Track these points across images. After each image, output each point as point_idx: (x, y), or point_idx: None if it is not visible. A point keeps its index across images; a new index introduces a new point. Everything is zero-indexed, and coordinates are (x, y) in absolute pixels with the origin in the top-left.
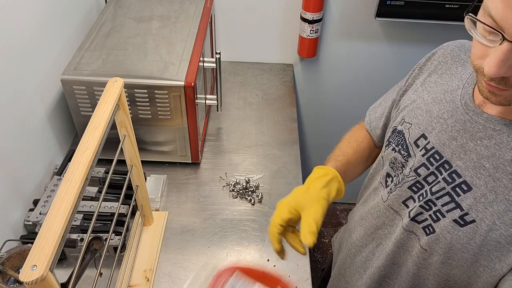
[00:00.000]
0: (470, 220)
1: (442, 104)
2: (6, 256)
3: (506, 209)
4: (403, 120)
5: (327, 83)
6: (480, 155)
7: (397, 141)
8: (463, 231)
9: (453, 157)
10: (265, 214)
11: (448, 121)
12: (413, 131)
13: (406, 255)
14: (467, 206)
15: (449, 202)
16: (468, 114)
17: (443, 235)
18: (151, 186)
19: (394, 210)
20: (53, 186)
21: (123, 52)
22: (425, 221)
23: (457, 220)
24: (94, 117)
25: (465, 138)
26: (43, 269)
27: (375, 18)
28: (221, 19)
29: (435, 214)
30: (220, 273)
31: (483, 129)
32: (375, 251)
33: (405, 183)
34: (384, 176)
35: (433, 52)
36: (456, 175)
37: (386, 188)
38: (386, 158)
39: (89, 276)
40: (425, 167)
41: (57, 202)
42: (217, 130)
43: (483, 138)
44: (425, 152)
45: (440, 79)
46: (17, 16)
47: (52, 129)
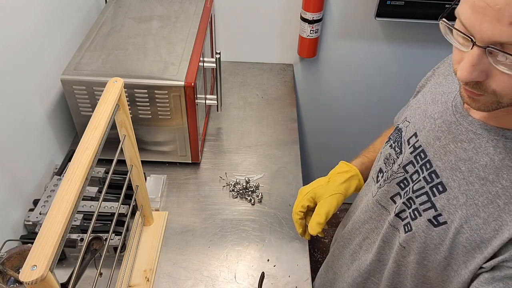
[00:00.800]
0: (443, 221)
1: (437, 105)
2: (6, 256)
3: (474, 214)
4: (405, 118)
5: (327, 83)
6: (458, 158)
7: (395, 138)
8: (436, 231)
9: (435, 157)
10: (265, 214)
11: (437, 121)
12: (409, 129)
13: (390, 252)
14: (440, 206)
15: (426, 201)
16: (455, 116)
17: (418, 234)
18: (151, 186)
19: (382, 205)
20: (53, 186)
21: (123, 52)
22: (406, 218)
23: (431, 219)
24: (94, 117)
25: (448, 139)
26: (43, 269)
27: (375, 18)
28: (221, 19)
29: (413, 213)
30: None
31: (465, 132)
32: (362, 244)
33: (394, 179)
34: (376, 171)
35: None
36: (435, 175)
37: (376, 183)
38: (383, 154)
39: (89, 276)
40: (412, 165)
41: (57, 202)
42: (217, 130)
43: (463, 141)
44: (413, 150)
45: (444, 80)
46: (17, 16)
47: (52, 129)
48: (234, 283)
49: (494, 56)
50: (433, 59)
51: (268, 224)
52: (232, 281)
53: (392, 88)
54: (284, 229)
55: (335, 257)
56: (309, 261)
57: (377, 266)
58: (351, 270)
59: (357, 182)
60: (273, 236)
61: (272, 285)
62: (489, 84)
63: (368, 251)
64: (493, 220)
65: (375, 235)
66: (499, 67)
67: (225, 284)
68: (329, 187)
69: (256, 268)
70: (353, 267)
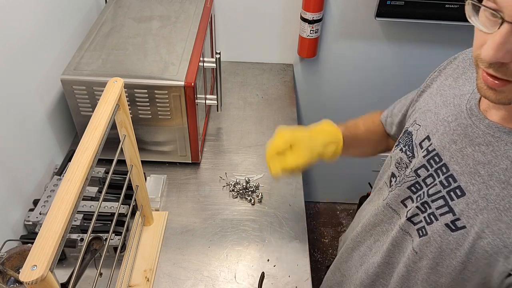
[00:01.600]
0: (461, 226)
1: (449, 108)
2: (6, 256)
3: (496, 218)
4: (415, 121)
5: (327, 83)
6: (477, 161)
7: (405, 141)
8: (453, 236)
9: (451, 161)
10: (265, 214)
11: (451, 124)
12: (420, 133)
13: (400, 256)
14: (459, 211)
15: (443, 205)
16: (471, 119)
17: (434, 238)
18: (151, 186)
19: (393, 208)
20: (53, 186)
21: (123, 52)
22: (420, 222)
23: (448, 224)
24: (94, 117)
25: (464, 142)
26: (43, 269)
27: (375, 18)
28: (221, 19)
29: (429, 217)
30: None
31: (482, 135)
32: (372, 247)
33: (405, 183)
34: (389, 175)
35: (455, 56)
36: (452, 179)
37: (389, 188)
38: (393, 158)
39: (89, 276)
40: (425, 169)
41: (57, 202)
42: (217, 130)
43: (481, 144)
44: (427, 153)
45: (454, 82)
46: (17, 16)
47: (52, 129)
48: (234, 283)
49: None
50: (433, 59)
51: (268, 224)
52: (232, 281)
53: (392, 88)
54: (284, 229)
55: (343, 259)
56: (309, 261)
57: (385, 269)
58: (360, 272)
59: (335, 148)
60: (273, 236)
61: (272, 285)
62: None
63: (377, 254)
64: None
65: (385, 238)
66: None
67: (225, 284)
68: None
69: (256, 268)
70: (361, 269)
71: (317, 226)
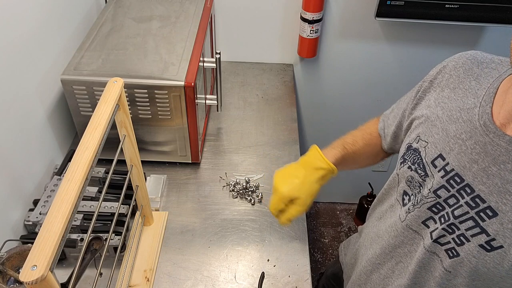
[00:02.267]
0: (498, 246)
1: (459, 124)
2: (6, 256)
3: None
4: (419, 137)
5: (327, 83)
6: (505, 180)
7: (413, 159)
8: (490, 256)
9: (475, 181)
10: (265, 214)
11: (467, 142)
12: (429, 150)
13: (428, 275)
14: (493, 231)
15: (473, 226)
16: (488, 136)
17: (468, 259)
18: (151, 186)
19: (413, 230)
20: (53, 186)
21: (123, 52)
22: (448, 243)
23: (483, 245)
24: (94, 117)
25: (487, 161)
26: (43, 269)
27: (375, 18)
28: (221, 19)
29: (459, 238)
30: None
31: (505, 153)
32: (394, 269)
33: (424, 204)
34: (401, 193)
35: (444, 65)
36: (480, 200)
37: (403, 207)
38: (402, 176)
39: (89, 276)
40: (445, 189)
41: (57, 202)
42: (217, 130)
43: (506, 162)
44: (445, 173)
45: (453, 94)
46: (17, 16)
47: (52, 129)
48: (234, 283)
49: None
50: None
51: (268, 224)
52: (232, 281)
53: (392, 88)
54: (284, 229)
55: (362, 281)
56: (309, 261)
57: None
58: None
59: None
60: (273, 236)
61: (272, 285)
62: None
63: (402, 276)
64: None
65: (409, 259)
66: None
67: (225, 284)
68: (305, 186)
69: (256, 268)
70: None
71: (317, 226)
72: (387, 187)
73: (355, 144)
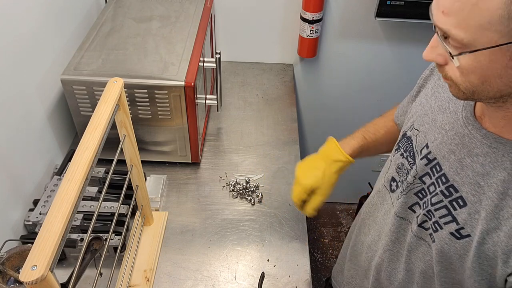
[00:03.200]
0: (466, 234)
1: (445, 114)
2: (6, 256)
3: (495, 227)
4: (413, 126)
5: (327, 83)
6: (476, 172)
7: (405, 146)
8: (459, 243)
9: (451, 171)
10: (265, 214)
11: (448, 133)
12: (419, 139)
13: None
14: (462, 220)
15: (446, 215)
16: (467, 128)
17: (441, 245)
18: (151, 186)
19: (400, 217)
20: (53, 186)
21: (123, 52)
22: (429, 229)
23: (453, 233)
24: (94, 117)
25: (463, 153)
26: (43, 269)
27: (375, 18)
28: (221, 19)
29: (434, 225)
30: None
31: (480, 145)
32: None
33: (412, 189)
34: (389, 179)
35: None
36: (454, 190)
37: (392, 193)
38: (394, 162)
39: (89, 276)
40: (429, 176)
41: (57, 202)
42: (217, 130)
43: (479, 155)
44: (428, 161)
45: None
46: (17, 16)
47: (52, 129)
48: (234, 283)
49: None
50: None
51: (268, 224)
52: (232, 281)
53: (392, 88)
54: (284, 229)
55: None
56: (309, 261)
57: (406, 276)
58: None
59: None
60: (273, 236)
61: (272, 285)
62: (447, 70)
63: (394, 261)
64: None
65: (398, 245)
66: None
67: (225, 284)
68: (325, 178)
69: (256, 268)
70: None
71: (317, 226)
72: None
73: (376, 133)
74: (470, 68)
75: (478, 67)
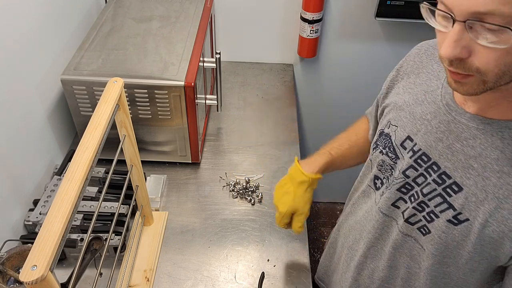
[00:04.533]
0: (464, 219)
1: (424, 106)
2: (6, 256)
3: (497, 207)
4: (389, 123)
5: (327, 83)
6: (468, 156)
7: (384, 143)
8: (457, 229)
9: (441, 158)
10: (265, 214)
11: (432, 122)
12: (398, 134)
13: (403, 257)
14: (459, 206)
15: (441, 203)
16: (451, 114)
17: (438, 235)
18: (151, 186)
19: (384, 213)
20: (53, 186)
21: (123, 52)
22: (419, 222)
23: (451, 219)
24: (94, 117)
25: (451, 139)
26: (43, 269)
27: (375, 18)
28: (221, 19)
29: (429, 215)
30: None
31: (467, 129)
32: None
33: (394, 185)
34: (372, 178)
35: (409, 54)
36: (446, 176)
37: (377, 190)
38: (374, 161)
39: (89, 276)
40: (413, 169)
41: (57, 202)
42: (217, 130)
43: (468, 138)
44: (413, 154)
45: (418, 79)
46: (17, 16)
47: (52, 129)
48: (234, 283)
49: (474, 31)
50: None
51: (268, 224)
52: (232, 281)
53: None
54: (284, 229)
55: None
56: (309, 261)
57: (389, 272)
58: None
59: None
60: (273, 236)
61: (272, 285)
62: (473, 62)
63: (377, 258)
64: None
65: (382, 242)
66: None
67: (225, 284)
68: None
69: (256, 268)
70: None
71: (317, 226)
72: (362, 174)
73: (340, 147)
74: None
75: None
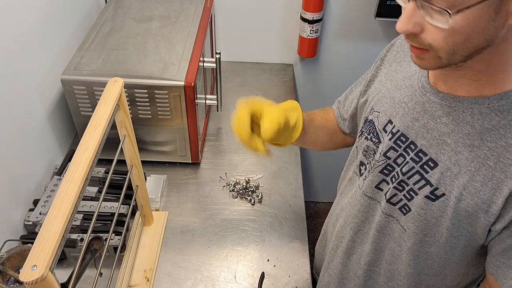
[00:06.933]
0: (441, 194)
1: (402, 90)
2: (6, 256)
3: (470, 179)
4: (373, 110)
5: (327, 83)
6: (441, 132)
7: (368, 130)
8: (435, 205)
9: (417, 137)
10: (265, 214)
11: (409, 104)
12: (381, 119)
13: (387, 239)
14: (435, 181)
15: (419, 180)
16: (426, 95)
17: (417, 212)
18: (151, 186)
19: (368, 196)
20: (53, 186)
21: (123, 52)
22: (400, 201)
23: (428, 195)
24: (94, 117)
25: (425, 118)
26: (43, 269)
27: (375, 18)
28: (221, 19)
29: (409, 193)
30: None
31: (440, 108)
32: (356, 238)
33: (376, 167)
34: (358, 165)
35: (392, 43)
36: (422, 154)
37: (361, 176)
38: (360, 148)
39: (89, 276)
40: (393, 150)
41: (57, 202)
42: (217, 130)
43: (441, 116)
44: (392, 136)
45: (399, 66)
46: (17, 16)
47: (52, 129)
48: (234, 283)
49: (425, 9)
50: None
51: (268, 224)
52: (232, 281)
53: None
54: (284, 229)
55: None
56: (309, 261)
57: (375, 256)
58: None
59: (297, 116)
60: (273, 236)
61: (272, 285)
62: (425, 37)
63: (363, 242)
64: (489, 180)
65: (367, 225)
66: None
67: (225, 284)
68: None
69: (256, 268)
70: (350, 262)
71: (317, 226)
72: (347, 163)
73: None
74: (458, 27)
75: (465, 25)
